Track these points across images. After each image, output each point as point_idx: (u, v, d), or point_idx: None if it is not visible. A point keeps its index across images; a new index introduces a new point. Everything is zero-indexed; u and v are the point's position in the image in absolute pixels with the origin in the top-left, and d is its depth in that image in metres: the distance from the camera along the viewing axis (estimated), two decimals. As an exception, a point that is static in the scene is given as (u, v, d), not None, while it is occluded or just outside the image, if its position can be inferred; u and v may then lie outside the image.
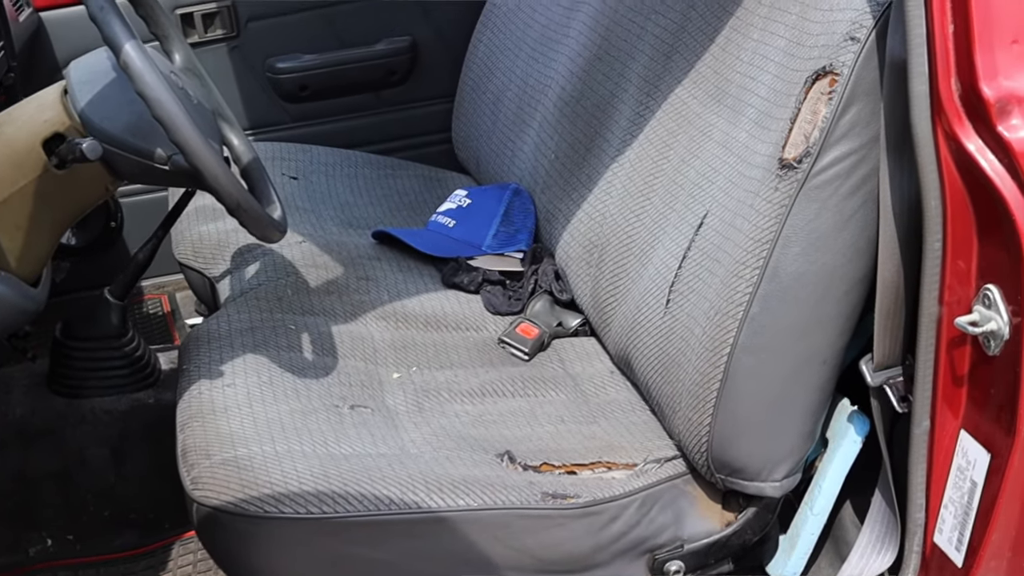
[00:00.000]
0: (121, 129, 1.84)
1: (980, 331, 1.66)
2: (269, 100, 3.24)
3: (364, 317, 2.33)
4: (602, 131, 2.44)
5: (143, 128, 1.84)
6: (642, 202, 2.24)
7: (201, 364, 2.11)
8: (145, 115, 1.75)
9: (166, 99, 1.68)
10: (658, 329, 2.06)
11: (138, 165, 1.86)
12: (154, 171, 1.87)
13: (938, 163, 1.65)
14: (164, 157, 1.85)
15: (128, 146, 1.84)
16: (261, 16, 3.19)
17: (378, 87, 3.33)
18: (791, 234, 1.81)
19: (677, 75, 2.25)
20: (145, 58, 1.67)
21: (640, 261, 2.19)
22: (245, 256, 2.53)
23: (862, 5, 1.80)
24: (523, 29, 2.94)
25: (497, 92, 2.98)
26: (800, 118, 1.82)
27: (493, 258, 2.56)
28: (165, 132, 1.71)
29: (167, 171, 1.85)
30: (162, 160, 1.85)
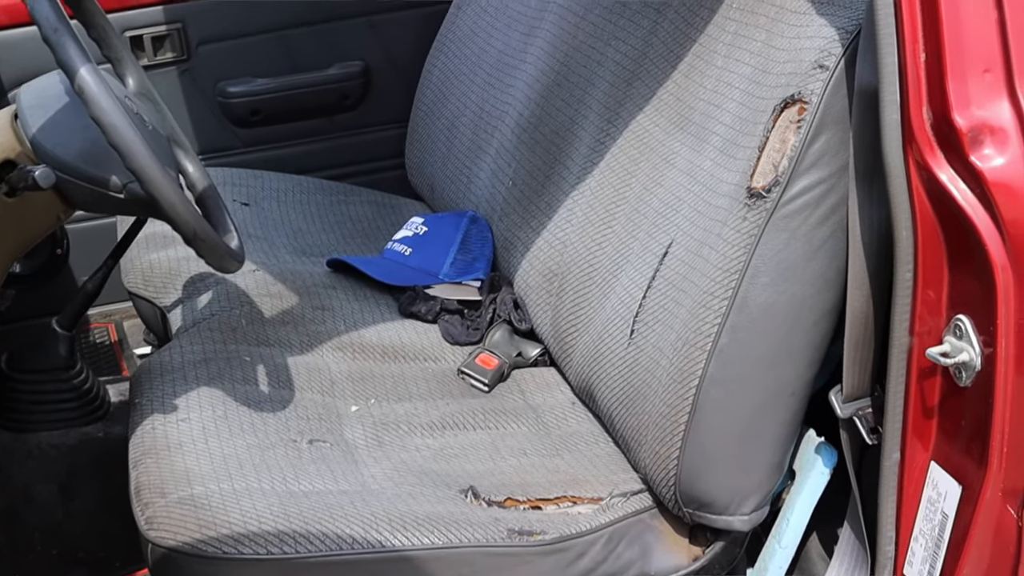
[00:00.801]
0: (74, 156, 1.78)
1: (952, 362, 1.64)
2: (220, 125, 3.18)
3: (320, 348, 2.28)
4: (562, 158, 2.41)
5: (97, 155, 1.78)
6: (604, 230, 2.21)
7: (154, 397, 2.05)
8: (100, 142, 1.70)
9: (122, 125, 1.62)
10: (622, 360, 2.03)
11: (92, 193, 1.80)
12: (109, 200, 1.81)
13: (909, 192, 1.64)
14: (119, 185, 1.79)
15: (82, 174, 1.78)
16: (212, 39, 3.14)
17: (330, 112, 3.28)
18: (760, 264, 1.79)
19: (639, 102, 2.23)
20: (101, 83, 1.62)
21: (602, 290, 2.16)
22: (197, 285, 2.47)
23: (830, 33, 1.78)
24: (479, 55, 2.91)
25: (452, 118, 2.95)
26: (768, 147, 1.80)
27: (450, 287, 2.52)
28: (121, 160, 1.65)
29: (122, 200, 1.80)
30: (117, 188, 1.79)
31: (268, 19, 3.19)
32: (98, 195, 1.80)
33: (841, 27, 1.77)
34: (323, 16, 3.24)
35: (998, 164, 1.58)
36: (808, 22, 1.84)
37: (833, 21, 1.79)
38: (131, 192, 1.78)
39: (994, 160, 1.58)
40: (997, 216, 1.58)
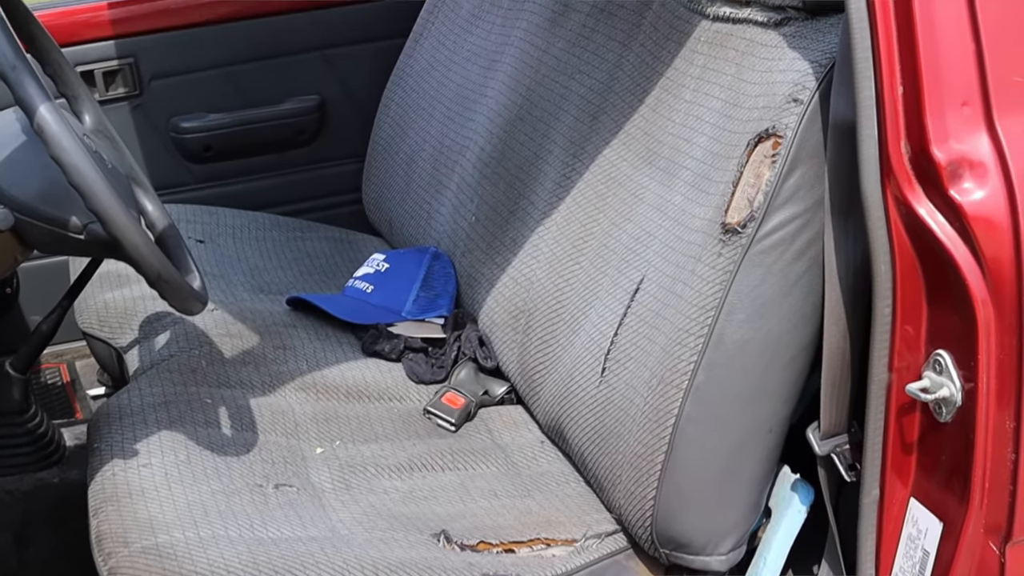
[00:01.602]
0: (33, 196, 1.73)
1: (932, 398, 1.62)
2: (173, 160, 3.13)
3: (283, 389, 2.23)
4: (526, 193, 2.38)
5: (57, 195, 1.73)
6: (571, 266, 2.18)
7: (113, 442, 1.99)
8: (59, 181, 1.65)
9: (84, 165, 1.58)
10: (593, 398, 2.00)
11: (51, 235, 1.74)
12: (68, 241, 1.75)
13: (888, 227, 1.62)
14: (79, 226, 1.74)
15: (41, 215, 1.73)
16: (165, 74, 3.09)
17: (285, 147, 3.24)
18: (736, 300, 1.77)
19: (605, 136, 2.20)
20: (62, 121, 1.57)
21: (571, 327, 2.13)
22: (154, 325, 2.41)
23: (803, 66, 1.77)
24: (437, 88, 2.88)
25: (411, 152, 2.91)
26: (743, 181, 1.78)
27: (414, 324, 2.48)
28: (83, 200, 1.60)
29: (82, 241, 1.74)
30: (77, 229, 1.74)
31: (221, 53, 3.15)
32: (57, 236, 1.75)
33: (814, 60, 1.76)
34: (277, 50, 3.20)
35: (977, 198, 1.57)
36: (780, 55, 1.83)
37: (806, 54, 1.78)
38: (92, 233, 1.73)
39: (973, 194, 1.57)
40: (977, 250, 1.57)
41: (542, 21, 2.55)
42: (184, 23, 3.11)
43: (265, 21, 3.18)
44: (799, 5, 1.84)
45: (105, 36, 3.02)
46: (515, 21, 2.67)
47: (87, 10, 3.03)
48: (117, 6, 3.06)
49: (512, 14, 2.69)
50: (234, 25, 3.15)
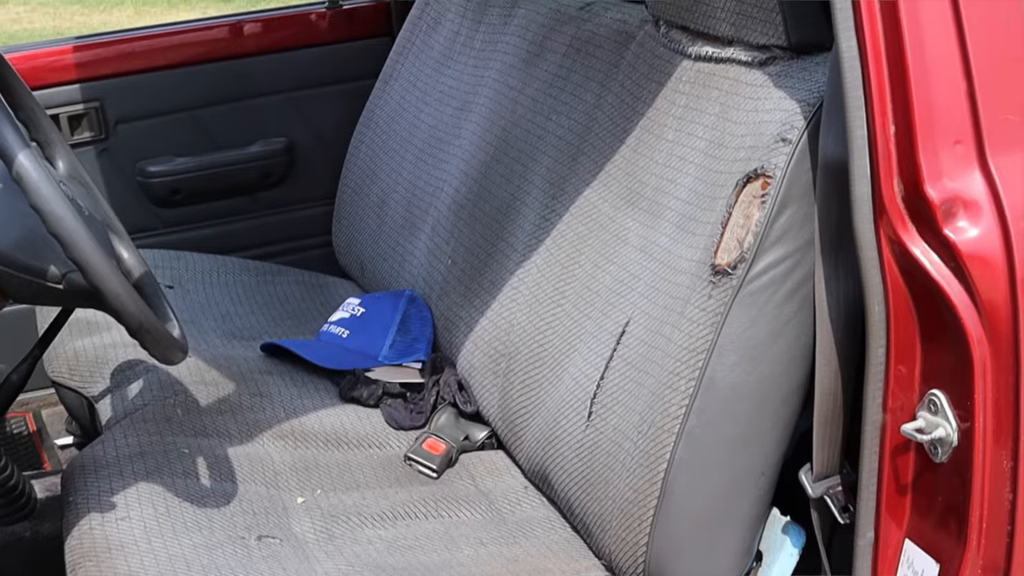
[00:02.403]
0: (10, 245, 1.68)
1: (928, 438, 1.60)
2: (140, 205, 3.09)
3: (261, 437, 2.19)
4: (504, 235, 2.36)
5: (34, 244, 1.68)
6: (553, 309, 2.15)
7: (89, 495, 1.94)
8: (37, 230, 1.61)
9: (64, 214, 1.54)
10: (580, 443, 1.97)
11: (29, 285, 1.70)
12: (46, 291, 1.71)
13: (881, 267, 1.60)
14: (58, 275, 1.69)
15: (18, 264, 1.68)
16: (131, 118, 3.06)
17: (254, 190, 3.22)
18: (727, 343, 1.75)
19: (585, 177, 2.19)
20: (41, 169, 1.53)
21: (554, 371, 2.10)
22: (126, 373, 2.37)
23: (791, 106, 1.75)
24: (409, 130, 2.86)
25: (383, 195, 2.88)
26: (732, 222, 1.77)
27: (391, 369, 2.45)
28: (63, 250, 1.56)
29: (61, 291, 1.70)
30: (56, 279, 1.69)
31: (188, 97, 3.13)
32: (36, 287, 1.70)
33: (802, 99, 1.75)
34: (244, 93, 3.18)
35: (972, 236, 1.56)
36: (766, 94, 1.81)
37: (793, 94, 1.77)
38: (71, 283, 1.68)
39: (968, 232, 1.56)
40: (972, 289, 1.55)
41: (516, 62, 2.53)
42: (151, 66, 3.09)
43: (232, 64, 3.17)
44: (784, 44, 1.83)
45: (70, 80, 2.98)
46: (488, 62, 2.65)
47: (52, 53, 3.00)
48: (82, 49, 3.03)
49: (485, 55, 2.68)
50: (201, 68, 3.14)
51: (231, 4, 10.97)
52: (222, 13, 4.15)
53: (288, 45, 3.21)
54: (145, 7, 11.10)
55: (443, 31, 2.88)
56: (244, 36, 3.17)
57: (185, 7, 10.96)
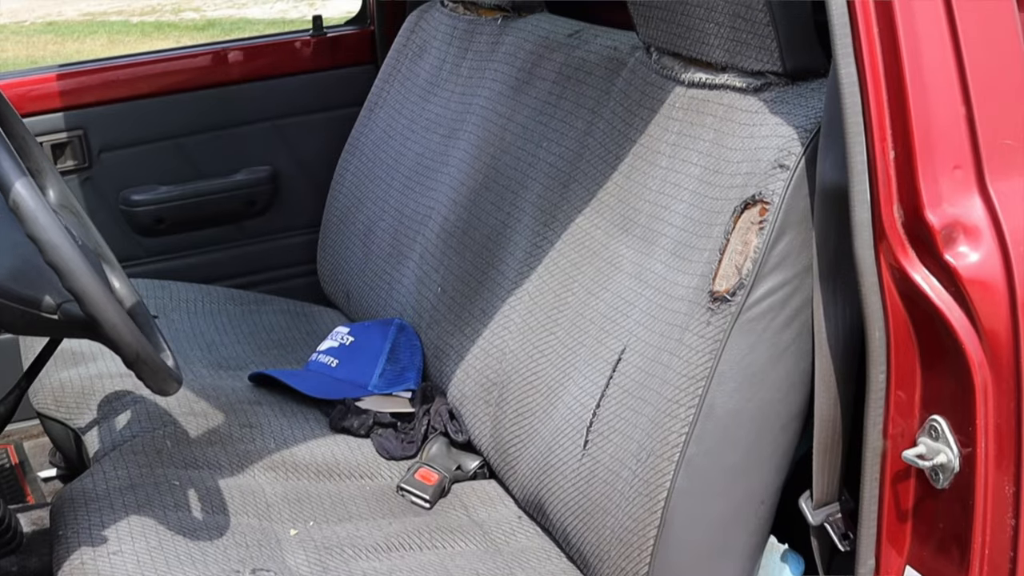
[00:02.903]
0: (4, 276, 1.66)
1: (929, 464, 1.60)
2: (123, 234, 3.07)
3: (252, 468, 2.16)
4: (495, 263, 2.35)
5: (29, 274, 1.66)
6: (546, 337, 2.14)
7: (79, 529, 1.91)
8: (31, 260, 1.58)
9: (61, 243, 1.52)
10: (576, 472, 1.95)
11: (23, 316, 1.67)
12: (41, 321, 1.68)
13: (881, 292, 1.60)
14: (53, 306, 1.67)
15: (12, 295, 1.66)
16: (115, 146, 3.04)
17: (238, 218, 3.20)
18: (726, 369, 1.74)
19: (577, 204, 2.18)
20: (38, 198, 1.51)
21: (548, 399, 2.09)
22: (113, 404, 2.34)
23: (788, 131, 1.75)
24: (395, 158, 2.84)
25: (369, 223, 2.87)
26: (730, 249, 1.76)
27: (381, 399, 2.43)
28: (60, 279, 1.54)
29: (56, 321, 1.67)
30: (50, 309, 1.67)
31: (172, 125, 3.11)
32: (30, 317, 1.68)
33: (799, 125, 1.74)
34: (228, 121, 3.17)
35: (972, 261, 1.55)
36: (761, 121, 1.81)
37: (789, 120, 1.76)
38: (66, 313, 1.66)
39: (968, 257, 1.55)
40: (973, 314, 1.55)
41: (505, 89, 2.53)
42: (134, 94, 3.08)
43: (216, 91, 3.16)
44: (779, 70, 1.83)
45: (53, 108, 2.97)
46: (476, 89, 2.65)
47: (35, 82, 2.98)
48: (65, 77, 3.01)
49: (473, 82, 2.67)
50: (185, 96, 3.12)
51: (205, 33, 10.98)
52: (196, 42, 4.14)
53: (272, 73, 3.20)
54: (119, 36, 11.10)
55: (429, 59, 2.88)
56: (228, 64, 3.16)
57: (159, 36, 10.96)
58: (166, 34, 11.04)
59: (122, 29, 11.45)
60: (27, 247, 1.56)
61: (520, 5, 2.66)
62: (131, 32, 11.26)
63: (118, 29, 11.46)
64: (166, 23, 11.74)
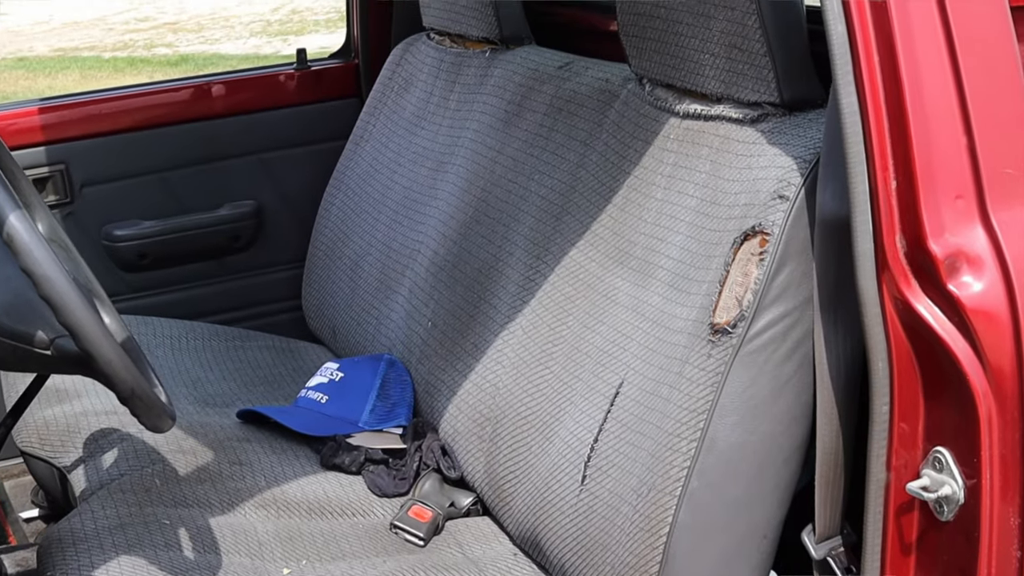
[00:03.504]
0: None
1: (934, 496, 1.58)
2: (106, 270, 3.03)
3: (243, 506, 2.13)
4: (487, 296, 2.33)
5: (20, 309, 1.63)
6: (540, 371, 2.12)
7: (68, 570, 1.87)
8: (23, 294, 1.56)
9: (57, 277, 1.49)
10: (574, 508, 1.93)
11: (15, 351, 1.64)
12: (33, 357, 1.65)
13: (884, 324, 1.59)
14: (46, 341, 1.64)
15: (5, 330, 1.62)
16: (97, 181, 3.01)
17: (222, 253, 3.17)
18: (728, 403, 1.72)
19: (570, 237, 2.16)
20: (32, 231, 1.49)
21: (543, 435, 2.06)
22: (100, 443, 2.30)
23: (787, 162, 1.74)
24: (382, 191, 2.83)
25: (356, 257, 2.85)
26: (730, 280, 1.75)
27: (372, 435, 2.40)
28: (55, 314, 1.51)
29: (49, 357, 1.64)
30: (43, 344, 1.64)
31: (155, 159, 3.09)
32: (21, 352, 1.64)
33: (798, 156, 1.74)
34: (212, 155, 3.15)
35: (976, 291, 1.55)
36: (759, 151, 1.80)
37: (788, 150, 1.76)
38: (60, 348, 1.63)
39: (972, 287, 1.55)
40: (977, 344, 1.54)
41: (494, 122, 2.52)
42: (116, 128, 3.05)
43: (199, 125, 3.13)
44: (776, 101, 1.82)
45: (35, 142, 2.93)
46: (465, 122, 2.63)
47: (16, 115, 2.95)
48: (47, 111, 2.98)
49: (461, 115, 2.66)
50: (168, 130, 3.10)
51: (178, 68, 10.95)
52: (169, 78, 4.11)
53: (256, 106, 3.18)
54: (91, 71, 11.06)
55: (415, 91, 2.87)
56: (212, 97, 3.14)
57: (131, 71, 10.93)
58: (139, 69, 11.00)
59: (94, 65, 11.42)
60: (18, 281, 1.54)
61: (508, 38, 2.65)
62: (103, 67, 11.22)
63: (90, 65, 11.42)
64: (139, 58, 11.71)
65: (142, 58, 11.71)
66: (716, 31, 1.88)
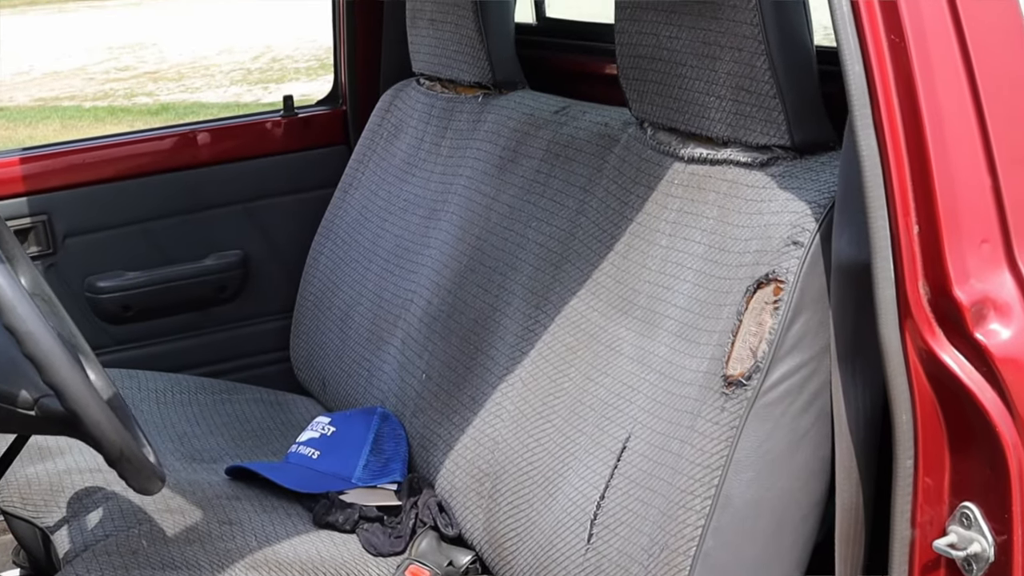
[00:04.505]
0: None
1: (962, 554, 1.52)
2: (89, 322, 2.96)
3: (233, 568, 2.04)
4: (484, 347, 2.26)
5: (3, 367, 1.55)
6: (542, 424, 2.05)
7: (52, 639, 1.79)
8: (5, 351, 1.48)
9: (42, 334, 1.42)
10: (580, 568, 1.86)
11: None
12: (16, 417, 1.57)
13: (908, 374, 1.52)
14: (30, 401, 1.56)
15: None
16: (79, 231, 2.94)
17: (208, 305, 3.10)
18: (743, 458, 1.65)
19: (571, 286, 2.10)
20: (16, 286, 1.42)
21: (546, 491, 1.99)
22: (84, 502, 2.22)
23: (800, 207, 1.69)
24: (372, 240, 2.76)
25: (346, 307, 2.77)
26: (743, 330, 1.68)
27: (366, 491, 2.32)
28: (39, 372, 1.44)
29: (33, 417, 1.56)
30: (27, 404, 1.56)
31: (139, 209, 3.02)
32: (4, 413, 1.57)
33: (812, 200, 1.68)
34: (197, 204, 3.09)
35: (1004, 339, 1.49)
36: (770, 196, 1.75)
37: (801, 195, 1.70)
38: (44, 408, 1.55)
39: (1000, 335, 1.49)
40: (1006, 394, 1.48)
41: (489, 168, 2.46)
42: (99, 178, 2.99)
43: (184, 174, 3.07)
44: (787, 144, 1.76)
45: (16, 192, 2.87)
46: (457, 168, 2.57)
47: (-3, 166, 2.88)
48: (28, 161, 2.93)
49: (453, 162, 2.60)
50: (152, 179, 3.04)
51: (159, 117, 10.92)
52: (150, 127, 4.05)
53: (242, 154, 3.12)
54: (71, 121, 11.02)
55: (406, 138, 2.81)
56: (197, 146, 3.08)
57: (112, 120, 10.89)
58: (119, 119, 10.96)
59: (75, 114, 11.38)
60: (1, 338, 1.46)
61: (502, 82, 2.59)
62: (84, 117, 11.18)
63: (71, 114, 11.38)
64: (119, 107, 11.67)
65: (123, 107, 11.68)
66: (722, 73, 1.82)
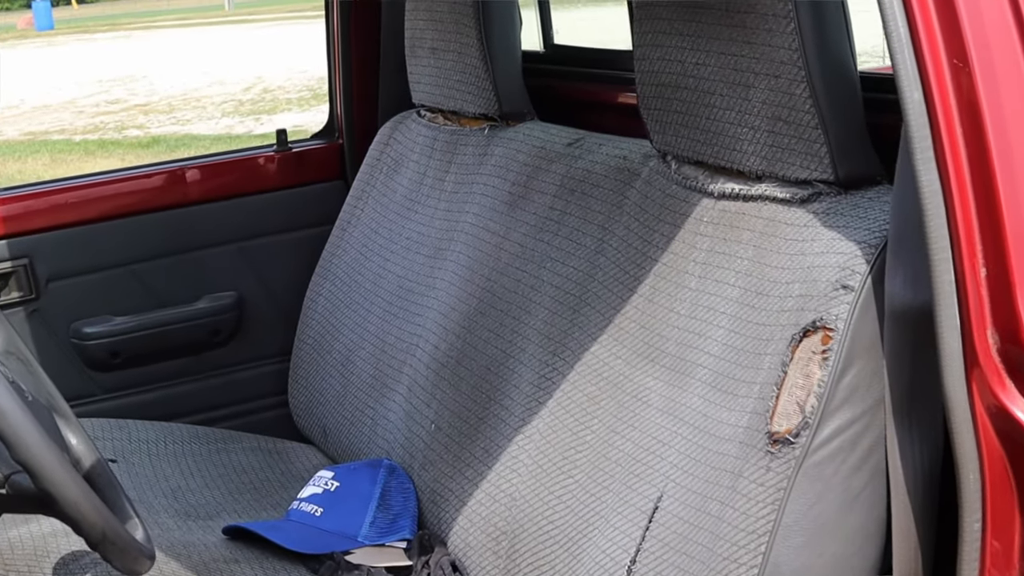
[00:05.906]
0: None
1: (1035, 626, 1.38)
2: (75, 370, 2.82)
3: (232, 641, 1.90)
4: (497, 396, 2.12)
5: None
6: (563, 480, 1.90)
7: None
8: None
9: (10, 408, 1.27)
10: (610, 639, 1.71)
11: None
12: (-14, 496, 1.43)
13: (975, 430, 1.39)
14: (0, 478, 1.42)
15: None
16: (64, 275, 2.80)
17: (200, 350, 2.96)
18: (792, 522, 1.51)
19: (591, 331, 1.96)
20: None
21: (570, 552, 1.84)
22: (70, 567, 2.07)
23: (849, 248, 1.55)
24: (374, 280, 2.62)
25: (346, 351, 2.63)
26: (788, 383, 1.54)
27: (374, 551, 2.18)
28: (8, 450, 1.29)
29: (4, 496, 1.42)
30: None
31: (127, 250, 2.89)
32: (-30, 490, 1.43)
33: (861, 240, 1.54)
34: (188, 244, 2.95)
35: (1082, 392, 1.35)
36: (813, 235, 1.61)
37: (849, 234, 1.56)
38: (16, 486, 1.41)
39: (1079, 387, 1.35)
40: (1083, 453, 1.34)
41: (498, 204, 2.32)
42: (84, 218, 2.85)
43: (174, 213, 2.94)
44: (830, 179, 1.62)
45: (-4, 236, 2.73)
46: (463, 205, 2.44)
47: (-26, 208, 2.74)
48: (7, 202, 2.80)
49: (459, 198, 2.46)
50: (140, 218, 2.91)
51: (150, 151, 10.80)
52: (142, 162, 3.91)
53: (234, 191, 2.98)
54: (61, 155, 10.91)
55: (407, 172, 2.67)
56: (186, 183, 2.94)
57: (103, 154, 10.78)
58: (110, 152, 10.85)
59: (65, 148, 11.27)
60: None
61: (509, 114, 2.46)
62: (74, 151, 11.07)
63: (60, 148, 11.27)
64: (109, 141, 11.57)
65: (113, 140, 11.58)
66: (757, 102, 1.69)
